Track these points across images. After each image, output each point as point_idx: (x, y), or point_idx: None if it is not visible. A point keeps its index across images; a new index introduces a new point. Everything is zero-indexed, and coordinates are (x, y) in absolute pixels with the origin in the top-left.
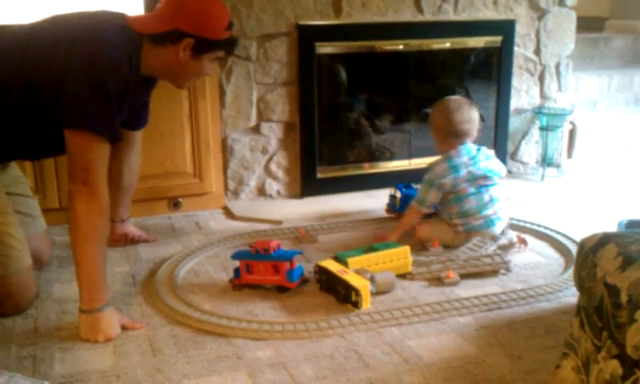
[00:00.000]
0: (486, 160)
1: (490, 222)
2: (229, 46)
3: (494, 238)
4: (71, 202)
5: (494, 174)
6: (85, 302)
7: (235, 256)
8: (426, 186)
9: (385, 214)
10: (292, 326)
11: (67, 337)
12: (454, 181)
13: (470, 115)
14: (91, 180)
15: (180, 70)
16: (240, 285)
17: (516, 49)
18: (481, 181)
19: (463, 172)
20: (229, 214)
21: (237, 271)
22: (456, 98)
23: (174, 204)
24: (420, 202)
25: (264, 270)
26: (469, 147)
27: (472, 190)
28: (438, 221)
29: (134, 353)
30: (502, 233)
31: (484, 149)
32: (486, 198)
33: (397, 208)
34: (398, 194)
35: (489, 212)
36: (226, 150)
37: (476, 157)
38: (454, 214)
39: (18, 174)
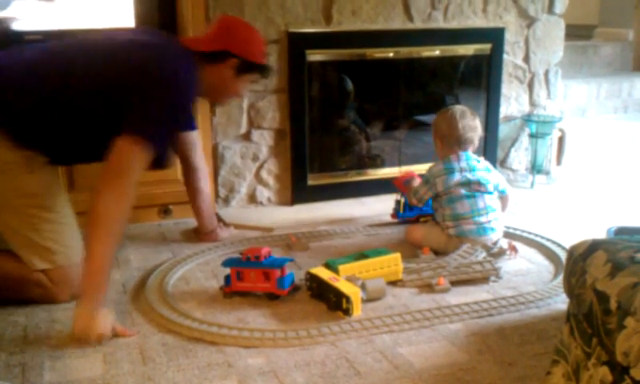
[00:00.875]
0: (485, 171)
1: (482, 230)
2: (264, 70)
3: (486, 248)
4: (98, 198)
5: (489, 182)
6: (84, 298)
7: (226, 263)
8: (422, 182)
9: (375, 221)
10: (283, 334)
11: (57, 345)
12: (445, 183)
13: (474, 124)
14: (127, 184)
15: (222, 87)
16: (231, 292)
17: (505, 56)
18: (475, 186)
19: (457, 176)
20: (219, 219)
21: (227, 279)
22: (461, 107)
23: (165, 211)
24: (413, 193)
25: (255, 278)
26: (469, 155)
27: (465, 192)
28: (432, 224)
29: (124, 361)
30: (495, 244)
31: (486, 162)
32: (480, 204)
33: (400, 213)
34: (403, 200)
35: (482, 219)
36: (216, 158)
37: (475, 166)
38: (447, 216)
39: None
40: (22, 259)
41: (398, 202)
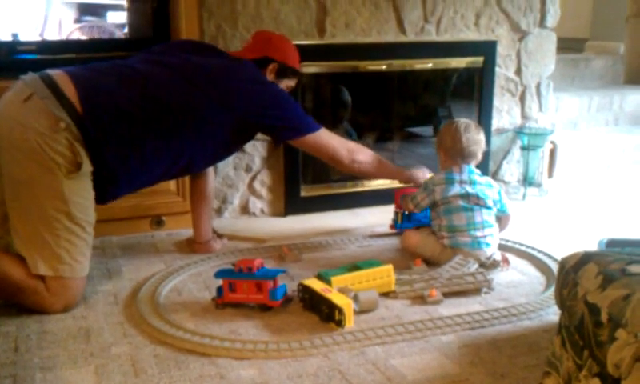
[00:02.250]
0: (486, 186)
1: (477, 244)
2: (301, 76)
3: (479, 262)
4: (354, 172)
5: (488, 197)
6: (405, 173)
7: (218, 274)
8: (421, 188)
9: (369, 232)
10: (275, 346)
11: (48, 356)
12: (443, 192)
13: (478, 138)
14: (348, 146)
15: None
16: (223, 303)
17: (497, 69)
18: (473, 199)
19: (456, 187)
20: (213, 231)
21: (220, 290)
22: (465, 120)
23: (157, 222)
24: (410, 198)
25: (247, 289)
26: (472, 169)
27: (463, 205)
28: (428, 232)
29: (115, 372)
30: (489, 258)
31: (490, 179)
32: (477, 218)
33: (398, 224)
34: (401, 211)
35: (478, 233)
36: None
37: (476, 180)
38: (443, 226)
39: None
40: (27, 260)
41: (396, 213)
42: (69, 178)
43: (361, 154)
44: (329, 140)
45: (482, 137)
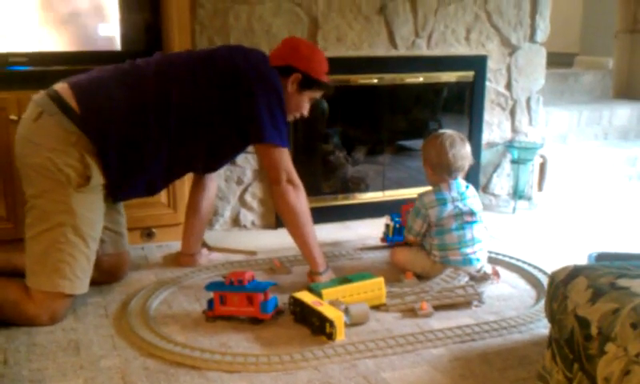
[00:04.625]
0: (473, 198)
1: (467, 261)
2: (326, 88)
3: (470, 275)
4: (282, 199)
5: (478, 211)
6: (320, 265)
7: (209, 287)
8: (413, 215)
9: (359, 245)
10: (266, 358)
11: (37, 368)
12: (438, 214)
13: (464, 152)
14: (293, 178)
15: (286, 101)
16: (214, 316)
17: (488, 84)
18: (466, 217)
19: (449, 207)
20: (203, 244)
21: (210, 302)
22: (450, 134)
23: (148, 234)
24: (408, 230)
25: (238, 302)
26: (459, 183)
27: (455, 224)
28: (418, 249)
29: None
30: (478, 271)
31: (471, 187)
32: (468, 235)
33: (388, 237)
34: (392, 224)
35: (468, 250)
36: None
37: (464, 193)
38: (434, 245)
39: None
40: (27, 274)
41: (387, 226)
42: (78, 192)
43: (300, 192)
44: (287, 159)
45: (467, 149)
